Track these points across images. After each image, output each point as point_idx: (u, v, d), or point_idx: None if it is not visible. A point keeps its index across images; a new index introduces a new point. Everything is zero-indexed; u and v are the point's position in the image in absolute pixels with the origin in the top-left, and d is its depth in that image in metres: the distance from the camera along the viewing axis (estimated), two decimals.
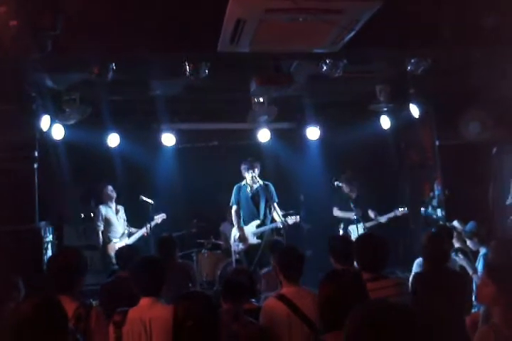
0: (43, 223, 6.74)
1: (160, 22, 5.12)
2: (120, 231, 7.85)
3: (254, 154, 8.32)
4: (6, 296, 4.30)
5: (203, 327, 2.57)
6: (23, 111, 6.55)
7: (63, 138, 7.47)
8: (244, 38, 4.69)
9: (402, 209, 7.92)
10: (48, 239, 6.89)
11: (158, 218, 7.96)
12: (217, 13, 4.49)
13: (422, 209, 8.09)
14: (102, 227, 7.73)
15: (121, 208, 8.05)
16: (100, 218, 7.76)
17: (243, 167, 7.78)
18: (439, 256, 4.16)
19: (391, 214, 8.00)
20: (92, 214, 8.48)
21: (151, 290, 3.57)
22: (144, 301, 3.54)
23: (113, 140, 8.25)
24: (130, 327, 3.40)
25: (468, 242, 5.67)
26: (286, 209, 7.89)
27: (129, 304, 3.63)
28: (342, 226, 8.12)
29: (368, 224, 7.86)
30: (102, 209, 7.83)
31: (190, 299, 2.69)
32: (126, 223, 7.98)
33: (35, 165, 6.58)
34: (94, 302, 4.83)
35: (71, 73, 6.29)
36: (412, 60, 5.88)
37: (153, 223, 7.80)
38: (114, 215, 7.88)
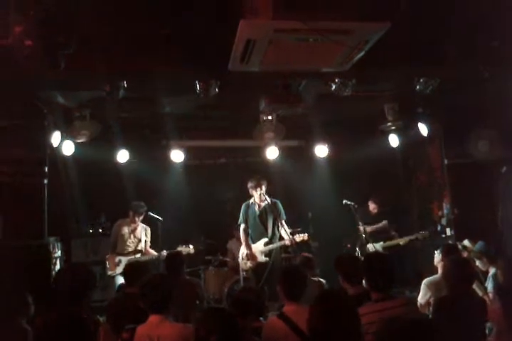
0: (51, 238, 6.76)
1: (171, 41, 5.20)
2: (129, 249, 7.79)
3: (262, 171, 8.35)
4: (17, 312, 4.31)
5: None
6: (35, 127, 6.62)
7: (73, 154, 7.54)
8: (255, 58, 4.75)
9: (424, 232, 7.90)
10: (56, 255, 6.90)
11: (182, 250, 7.57)
12: (228, 32, 4.57)
13: (432, 228, 8.04)
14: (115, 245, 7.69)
15: (143, 228, 7.87)
16: (116, 233, 7.69)
17: (250, 185, 7.76)
18: (463, 281, 4.07)
19: (413, 237, 7.96)
20: (100, 230, 8.52)
21: (160, 308, 3.57)
22: (153, 318, 3.55)
23: (122, 156, 8.31)
24: None
25: (478, 262, 5.63)
26: (294, 227, 7.87)
27: (136, 320, 3.64)
28: (358, 245, 8.07)
29: (386, 245, 7.82)
30: (120, 223, 7.75)
31: (212, 315, 2.69)
32: (143, 243, 7.83)
33: (45, 181, 6.64)
34: (101, 319, 4.82)
35: (82, 90, 6.38)
36: (421, 80, 5.92)
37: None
38: (129, 232, 7.82)
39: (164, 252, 7.55)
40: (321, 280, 6.20)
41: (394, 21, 4.24)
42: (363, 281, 4.09)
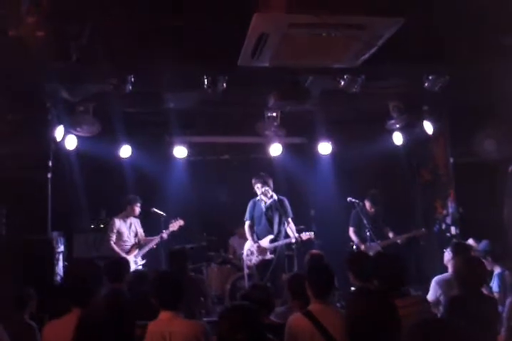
0: (55, 233, 6.72)
1: (181, 35, 5.15)
2: (129, 245, 7.77)
3: (265, 168, 8.31)
4: (20, 306, 4.27)
5: (255, 340, 2.50)
6: (38, 122, 6.58)
7: (76, 148, 7.50)
8: (266, 53, 4.72)
9: (420, 229, 7.88)
10: (59, 250, 6.85)
11: (175, 225, 7.77)
12: (238, 27, 4.53)
13: (435, 227, 8.03)
14: (114, 239, 7.65)
15: (136, 221, 7.92)
16: (114, 230, 7.67)
17: (255, 181, 7.74)
18: (475, 280, 4.03)
19: (409, 235, 7.93)
20: (101, 225, 8.46)
21: (171, 304, 3.54)
22: (164, 315, 3.51)
23: (125, 151, 8.27)
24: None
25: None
26: (297, 224, 7.85)
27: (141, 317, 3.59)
28: (355, 243, 8.05)
29: (384, 243, 7.78)
30: (117, 222, 7.73)
31: (237, 312, 2.62)
32: (138, 236, 7.87)
33: (49, 175, 6.59)
34: None
35: (87, 84, 6.32)
36: (430, 77, 5.89)
37: (169, 230, 7.69)
38: (127, 229, 7.80)
39: (164, 233, 7.62)
40: None
41: (408, 17, 4.21)
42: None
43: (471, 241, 6.25)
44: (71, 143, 7.37)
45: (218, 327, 2.55)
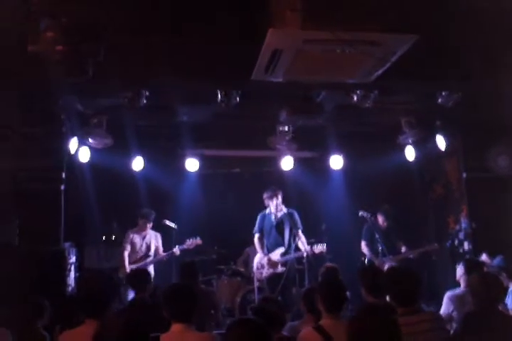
0: (67, 244, 6.76)
1: (195, 50, 5.22)
2: (139, 256, 7.80)
3: (276, 182, 8.33)
4: (35, 317, 4.29)
5: None
6: (53, 134, 6.65)
7: (89, 160, 7.57)
8: (279, 68, 4.76)
9: (434, 244, 7.85)
10: (71, 261, 6.88)
11: (192, 243, 7.77)
12: (252, 42, 4.58)
13: (448, 242, 7.98)
14: (128, 249, 7.70)
15: (154, 235, 7.95)
16: (128, 241, 7.74)
17: (266, 195, 7.78)
18: (491, 297, 3.96)
19: (422, 250, 7.89)
20: (113, 237, 8.50)
21: (184, 316, 3.54)
22: (176, 327, 3.51)
23: (137, 164, 8.31)
24: None
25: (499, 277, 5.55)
26: (308, 238, 7.83)
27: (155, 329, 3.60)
28: (367, 258, 8.02)
29: (396, 258, 7.74)
30: (130, 234, 7.80)
31: (244, 326, 2.61)
32: (152, 249, 7.88)
33: (63, 187, 6.65)
34: None
35: (101, 98, 6.41)
36: (443, 93, 5.90)
37: (184, 247, 7.72)
38: (140, 241, 7.83)
39: (176, 249, 7.61)
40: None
41: (421, 33, 4.24)
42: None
43: (484, 257, 6.20)
44: (84, 155, 7.44)
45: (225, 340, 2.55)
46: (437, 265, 8.37)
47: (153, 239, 7.90)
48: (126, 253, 7.67)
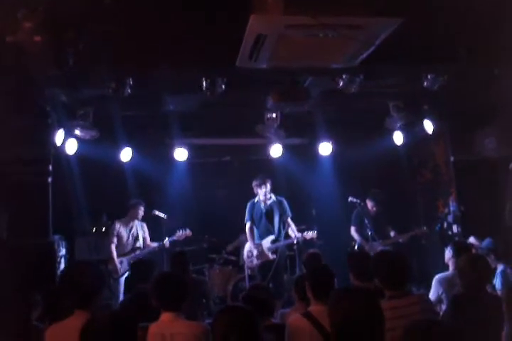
0: (56, 237, 6.73)
1: (178, 37, 5.16)
2: (128, 248, 7.78)
3: (266, 169, 8.33)
4: (27, 310, 4.27)
5: None
6: (39, 126, 6.58)
7: (76, 152, 7.51)
8: (263, 54, 4.71)
9: (422, 228, 7.89)
10: (61, 253, 6.86)
11: (182, 235, 7.77)
12: (235, 28, 4.53)
13: (437, 225, 8.02)
14: (115, 241, 7.68)
15: (140, 225, 7.94)
16: (114, 233, 7.71)
17: (255, 183, 7.78)
18: (479, 278, 3.97)
19: (411, 234, 7.94)
20: (103, 229, 8.47)
21: (173, 305, 3.54)
22: (165, 316, 3.51)
23: (126, 155, 8.28)
24: None
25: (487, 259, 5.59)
26: (298, 225, 7.86)
27: (146, 318, 3.60)
28: (357, 243, 8.05)
29: (386, 243, 7.78)
30: (117, 225, 7.78)
31: (231, 313, 2.60)
32: (141, 240, 7.86)
33: (50, 179, 6.60)
34: None
35: (87, 88, 6.34)
36: (429, 76, 5.89)
37: (174, 239, 7.70)
38: (127, 233, 7.81)
39: (166, 241, 7.59)
40: None
41: (406, 17, 4.21)
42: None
43: (472, 240, 6.24)
44: (71, 147, 7.38)
45: (212, 328, 2.54)
46: (427, 248, 8.43)
47: (140, 230, 7.89)
48: (113, 246, 7.65)
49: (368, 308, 2.57)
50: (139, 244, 7.83)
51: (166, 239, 7.70)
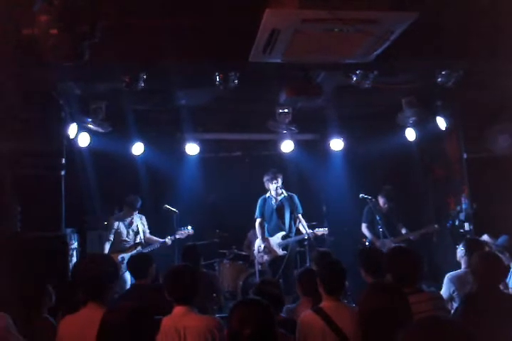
0: (68, 230, 6.76)
1: (192, 32, 5.16)
2: (129, 244, 7.79)
3: (277, 165, 8.33)
4: (39, 303, 4.31)
5: (262, 335, 2.45)
6: (51, 119, 6.61)
7: (89, 145, 7.55)
8: (278, 49, 4.70)
9: (433, 225, 7.86)
10: (73, 246, 6.90)
11: (183, 233, 7.76)
12: (249, 22, 4.52)
13: (448, 223, 7.97)
14: (111, 239, 7.71)
15: (139, 218, 7.94)
16: (112, 230, 7.74)
17: (266, 178, 7.78)
18: (493, 276, 3.95)
19: (422, 231, 7.90)
20: None
21: (185, 299, 3.56)
22: (178, 310, 3.53)
23: (137, 148, 8.31)
24: (164, 335, 3.36)
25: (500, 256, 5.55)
26: (309, 221, 7.85)
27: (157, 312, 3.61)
28: (368, 239, 8.04)
29: (397, 240, 7.75)
30: (115, 222, 7.79)
31: (246, 306, 2.59)
32: (141, 234, 7.87)
33: (63, 173, 6.63)
34: None
35: (100, 82, 6.36)
36: (443, 72, 5.84)
37: (176, 237, 7.65)
38: (126, 228, 7.82)
39: (168, 239, 7.60)
40: None
41: (421, 11, 4.18)
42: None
43: (485, 237, 6.19)
44: (84, 140, 7.43)
45: (228, 321, 2.54)
46: (438, 246, 8.38)
47: (140, 224, 7.89)
48: (108, 244, 7.69)
49: (397, 302, 2.58)
50: (140, 238, 7.83)
51: (168, 237, 7.71)
